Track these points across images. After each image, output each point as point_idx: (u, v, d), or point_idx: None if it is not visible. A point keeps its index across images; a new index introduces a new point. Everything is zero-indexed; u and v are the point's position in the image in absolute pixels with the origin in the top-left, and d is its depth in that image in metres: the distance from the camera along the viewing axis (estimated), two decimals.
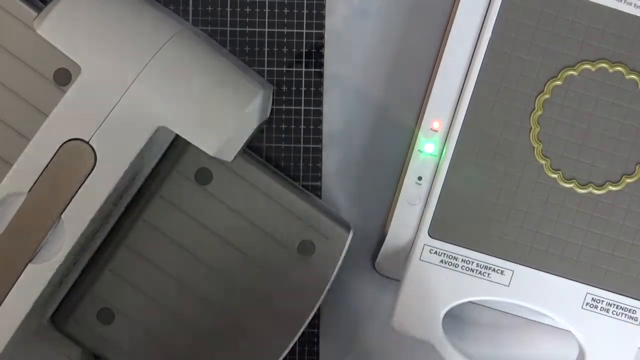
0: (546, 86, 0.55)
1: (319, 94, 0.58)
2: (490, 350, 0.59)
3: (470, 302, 0.55)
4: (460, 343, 0.58)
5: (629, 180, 0.55)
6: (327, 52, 0.58)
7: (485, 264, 0.55)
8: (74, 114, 0.47)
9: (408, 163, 0.56)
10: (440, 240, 0.55)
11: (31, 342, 0.53)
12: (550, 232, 0.54)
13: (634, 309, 0.54)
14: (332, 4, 0.57)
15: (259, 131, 0.56)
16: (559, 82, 0.55)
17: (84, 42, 0.47)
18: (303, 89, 0.58)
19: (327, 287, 0.56)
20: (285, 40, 0.57)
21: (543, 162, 0.55)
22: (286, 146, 0.58)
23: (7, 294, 0.47)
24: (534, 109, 0.55)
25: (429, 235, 0.55)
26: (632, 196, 0.55)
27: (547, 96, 0.55)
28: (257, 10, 0.57)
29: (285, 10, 0.57)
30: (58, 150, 0.47)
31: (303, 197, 0.56)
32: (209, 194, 0.56)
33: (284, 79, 0.58)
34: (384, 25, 0.58)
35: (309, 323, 0.56)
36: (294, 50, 0.57)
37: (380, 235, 0.58)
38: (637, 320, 0.54)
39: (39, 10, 0.52)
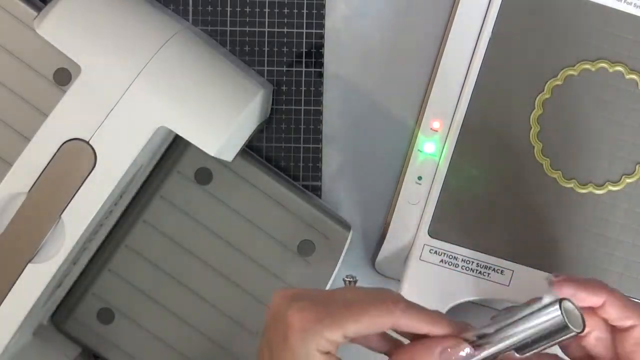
0: (546, 86, 0.55)
1: (319, 94, 0.58)
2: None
3: (470, 301, 0.55)
4: None
5: (629, 180, 0.55)
6: (327, 52, 0.58)
7: (485, 264, 0.55)
8: (74, 113, 0.47)
9: (408, 163, 0.56)
10: (440, 240, 0.55)
11: (31, 342, 0.53)
12: (550, 232, 0.54)
13: None
14: (332, 4, 0.57)
15: (259, 131, 0.56)
16: (559, 82, 0.55)
17: (83, 42, 0.47)
18: (303, 89, 0.58)
19: (328, 287, 0.56)
20: (285, 40, 0.57)
21: (543, 162, 0.55)
22: (286, 146, 0.58)
23: (7, 294, 0.47)
24: (534, 109, 0.55)
25: (429, 235, 0.55)
26: (632, 196, 0.55)
27: (547, 96, 0.55)
28: (257, 10, 0.57)
29: (285, 10, 0.57)
30: (58, 150, 0.47)
31: (303, 197, 0.56)
32: (209, 194, 0.56)
33: (284, 79, 0.58)
34: (384, 25, 0.58)
35: None
36: (294, 50, 0.57)
37: (380, 235, 0.58)
38: None
39: (39, 10, 0.52)
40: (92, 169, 0.48)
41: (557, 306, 0.41)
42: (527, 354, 0.42)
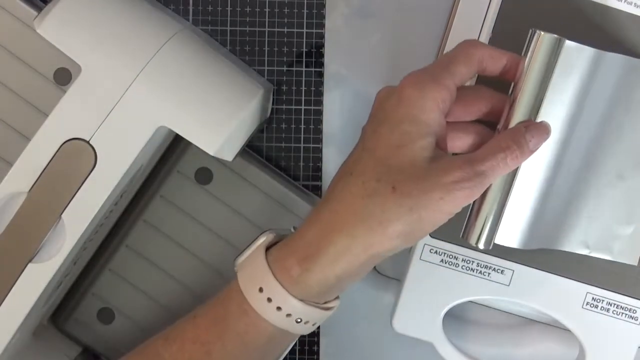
0: None
1: (319, 93, 0.58)
2: (490, 350, 0.59)
3: (470, 301, 0.55)
4: (460, 343, 0.58)
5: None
6: (327, 51, 0.58)
7: (486, 264, 0.54)
8: (74, 113, 0.47)
9: None
10: (441, 239, 0.54)
11: (31, 342, 0.53)
12: None
13: (634, 308, 0.54)
14: (332, 4, 0.57)
15: (259, 131, 0.56)
16: None
17: (84, 41, 0.47)
18: (303, 89, 0.58)
19: None
20: (285, 40, 0.57)
21: None
22: (286, 146, 0.58)
23: (7, 294, 0.47)
24: None
25: (430, 235, 0.55)
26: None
27: None
28: (257, 10, 0.57)
29: (286, 10, 0.57)
30: (58, 149, 0.47)
31: (303, 197, 0.56)
32: (209, 194, 0.56)
33: (284, 79, 0.58)
34: (384, 25, 0.58)
35: None
36: (294, 50, 0.57)
37: None
38: (637, 319, 0.54)
39: (39, 10, 0.52)
40: (93, 168, 0.48)
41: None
42: None
